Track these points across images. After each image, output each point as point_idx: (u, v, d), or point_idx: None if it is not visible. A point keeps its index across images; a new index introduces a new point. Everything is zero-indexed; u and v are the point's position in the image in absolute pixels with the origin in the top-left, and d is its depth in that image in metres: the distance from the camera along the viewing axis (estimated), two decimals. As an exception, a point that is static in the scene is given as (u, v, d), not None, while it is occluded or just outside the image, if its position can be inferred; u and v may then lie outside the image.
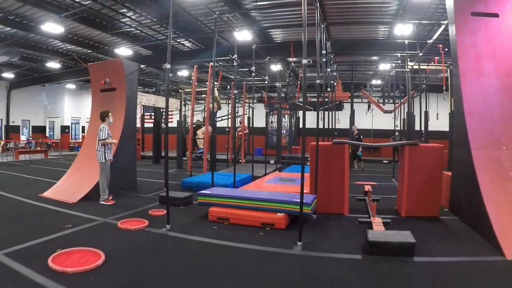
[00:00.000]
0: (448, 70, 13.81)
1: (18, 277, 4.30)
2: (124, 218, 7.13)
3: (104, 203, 8.63)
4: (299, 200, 5.83)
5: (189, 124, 13.58)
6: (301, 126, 10.96)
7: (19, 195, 9.61)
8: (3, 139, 26.22)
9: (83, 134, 31.20)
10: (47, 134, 30.79)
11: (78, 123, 32.16)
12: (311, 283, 4.33)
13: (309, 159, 8.83)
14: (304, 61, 5.79)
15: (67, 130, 30.68)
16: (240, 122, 20.36)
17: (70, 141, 30.49)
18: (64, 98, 30.46)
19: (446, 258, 5.10)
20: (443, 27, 9.76)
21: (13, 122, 28.44)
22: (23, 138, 28.29)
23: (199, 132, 13.23)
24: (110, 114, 9.18)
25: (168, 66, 6.65)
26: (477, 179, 6.26)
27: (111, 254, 5.04)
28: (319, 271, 4.70)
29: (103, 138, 8.74)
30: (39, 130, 30.44)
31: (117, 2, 12.31)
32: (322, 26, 9.61)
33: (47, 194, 9.62)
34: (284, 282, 4.38)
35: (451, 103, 12.33)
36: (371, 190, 8.81)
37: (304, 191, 6.05)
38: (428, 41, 11.10)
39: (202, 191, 7.75)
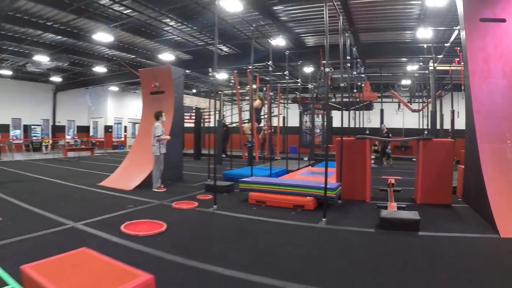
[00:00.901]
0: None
1: (99, 239, 5.55)
2: (176, 201, 8.40)
3: (157, 190, 9.94)
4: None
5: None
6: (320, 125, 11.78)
7: (80, 184, 11.10)
8: (50, 138, 27.99)
9: (125, 133, 32.89)
10: (91, 134, 32.52)
11: (121, 123, 33.82)
12: (329, 244, 5.48)
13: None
14: (327, 69, 6.88)
15: (110, 130, 32.26)
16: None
17: (113, 140, 32.19)
18: (107, 100, 32.12)
19: (447, 233, 5.98)
20: (456, 32, 10.48)
21: (59, 122, 30.26)
22: (68, 137, 30.10)
23: (246, 127, 14.36)
24: (163, 113, 10.52)
25: (214, 73, 7.78)
26: (482, 169, 7.03)
27: (170, 224, 6.30)
28: (337, 237, 5.83)
29: (159, 134, 10.05)
30: (83, 130, 32.20)
31: (162, 13, 13.51)
32: (347, 34, 10.52)
33: (104, 183, 10.99)
34: (308, 243, 5.55)
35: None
36: (393, 182, 9.69)
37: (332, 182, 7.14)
38: (446, 44, 11.86)
39: (243, 179, 9.10)
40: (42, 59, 18.70)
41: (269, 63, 11.55)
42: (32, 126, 27.74)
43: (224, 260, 4.66)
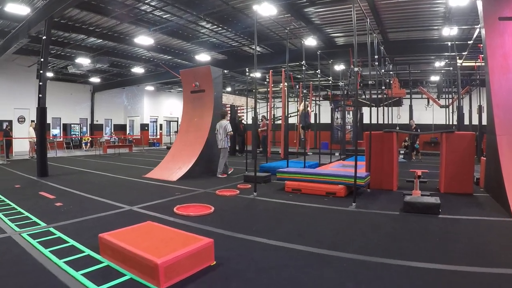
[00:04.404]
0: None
1: (156, 218, 6.31)
2: (219, 189, 9.26)
3: (220, 176, 11.51)
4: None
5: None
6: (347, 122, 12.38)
7: (126, 176, 12.07)
8: (89, 135, 29.32)
9: (160, 131, 33.98)
10: (127, 132, 33.73)
11: (156, 121, 34.91)
12: (358, 222, 6.23)
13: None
14: (356, 69, 7.59)
15: (146, 128, 33.33)
16: (261, 120, 22.03)
17: (149, 137, 33.29)
18: (143, 99, 33.21)
19: (465, 216, 6.56)
20: (478, 30, 10.89)
21: (97, 121, 31.60)
22: (106, 135, 31.41)
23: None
24: (228, 113, 11.87)
25: (252, 74, 8.49)
26: (500, 159, 7.50)
27: (217, 207, 7.16)
28: (365, 218, 6.57)
29: (230, 130, 11.60)
30: (120, 128, 33.57)
31: (199, 17, 14.25)
32: (374, 34, 11.05)
33: (149, 175, 11.90)
34: (338, 221, 6.32)
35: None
36: (420, 174, 10.22)
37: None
38: (469, 42, 12.25)
39: (281, 169, 9.92)
40: (84, 61, 19.70)
41: (302, 63, 12.20)
42: (72, 125, 29.11)
43: (267, 233, 5.41)
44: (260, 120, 22.12)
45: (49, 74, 24.32)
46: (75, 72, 23.19)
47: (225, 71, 15.60)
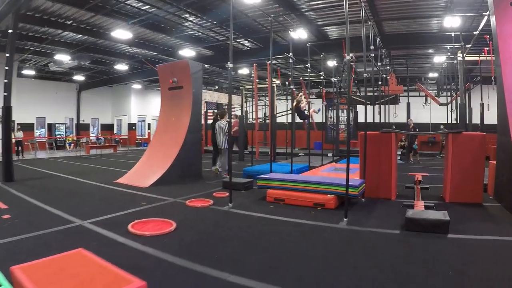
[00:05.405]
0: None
1: (104, 238, 5.35)
2: (191, 199, 8.13)
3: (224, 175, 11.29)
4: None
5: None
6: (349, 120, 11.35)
7: (97, 181, 11.04)
8: (74, 136, 28.28)
9: (148, 131, 33.04)
10: (115, 131, 32.83)
11: (144, 120, 33.98)
12: (348, 248, 5.03)
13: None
14: (348, 57, 6.53)
15: (133, 127, 32.46)
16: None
17: (137, 137, 32.38)
18: (130, 98, 32.30)
19: (480, 236, 5.43)
20: (485, 18, 9.92)
21: (83, 120, 30.71)
22: (92, 135, 30.45)
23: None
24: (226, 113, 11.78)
25: (230, 65, 7.48)
26: None
27: (181, 223, 6.04)
28: (358, 239, 5.40)
29: (227, 131, 11.52)
30: (107, 128, 32.65)
31: (180, 8, 13.38)
32: (370, 23, 10.03)
33: (121, 180, 10.88)
34: (325, 246, 5.12)
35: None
36: (420, 179, 9.21)
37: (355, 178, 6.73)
38: (475, 32, 11.27)
39: (261, 175, 8.72)
40: (63, 58, 18.96)
41: (289, 55, 11.22)
42: (56, 125, 28.24)
43: (232, 264, 4.31)
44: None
45: (31, 72, 23.90)
46: (57, 69, 22.27)
47: (206, 65, 14.61)
